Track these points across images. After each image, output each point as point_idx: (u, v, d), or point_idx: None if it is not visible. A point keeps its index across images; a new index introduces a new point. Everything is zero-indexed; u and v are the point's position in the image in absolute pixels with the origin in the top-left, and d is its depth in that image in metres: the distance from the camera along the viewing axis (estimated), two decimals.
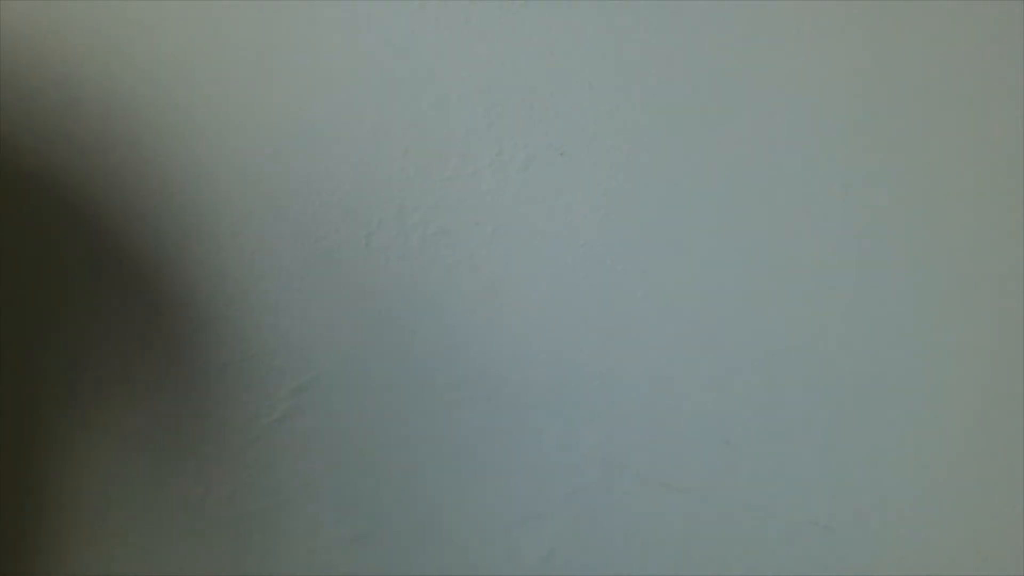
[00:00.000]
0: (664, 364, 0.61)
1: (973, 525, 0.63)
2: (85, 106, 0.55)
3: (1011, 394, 0.61)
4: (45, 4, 0.54)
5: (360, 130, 0.57)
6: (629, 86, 0.57)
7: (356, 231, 0.58)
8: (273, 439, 0.61)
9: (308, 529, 0.62)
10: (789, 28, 0.57)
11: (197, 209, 0.57)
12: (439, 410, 0.61)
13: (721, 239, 0.59)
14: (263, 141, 0.57)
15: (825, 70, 0.57)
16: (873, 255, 0.60)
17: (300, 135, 0.57)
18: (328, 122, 0.57)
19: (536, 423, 0.61)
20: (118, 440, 0.60)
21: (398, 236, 0.58)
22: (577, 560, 0.63)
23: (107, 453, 0.60)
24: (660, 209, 0.59)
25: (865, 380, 0.61)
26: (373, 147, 0.57)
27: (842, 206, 0.59)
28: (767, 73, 0.57)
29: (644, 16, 0.56)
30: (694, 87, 0.57)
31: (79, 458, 0.60)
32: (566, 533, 0.63)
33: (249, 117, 0.56)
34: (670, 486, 0.62)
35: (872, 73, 0.57)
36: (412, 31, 0.56)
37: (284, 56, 0.56)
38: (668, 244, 0.59)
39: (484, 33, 0.56)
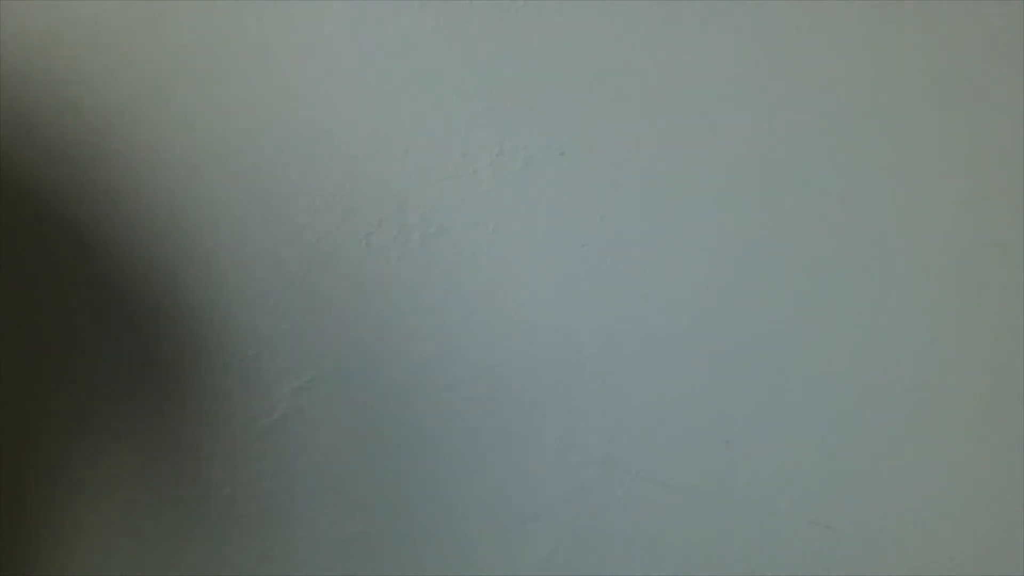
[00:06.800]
0: (664, 364, 0.61)
1: (973, 525, 0.63)
2: (84, 106, 0.55)
3: (1011, 394, 0.61)
4: (45, 4, 0.54)
5: (360, 130, 0.57)
6: (629, 86, 0.57)
7: (356, 231, 0.58)
8: (273, 439, 0.61)
9: (308, 529, 0.62)
10: (789, 28, 0.57)
11: (197, 209, 0.57)
12: (439, 410, 0.61)
13: (721, 239, 0.59)
14: (263, 141, 0.57)
15: (825, 70, 0.57)
16: (873, 255, 0.60)
17: (300, 135, 0.57)
18: (328, 122, 0.57)
19: (536, 423, 0.61)
20: (118, 440, 0.60)
21: (398, 236, 0.58)
22: (577, 560, 0.63)
23: (107, 453, 0.60)
24: (660, 209, 0.59)
25: (865, 380, 0.61)
26: (373, 147, 0.57)
27: (842, 205, 0.59)
28: (767, 73, 0.57)
29: (644, 16, 0.56)
30: (694, 87, 0.57)
31: (78, 458, 0.60)
32: (566, 533, 0.63)
33: (249, 117, 0.56)
34: (670, 486, 0.62)
35: (872, 73, 0.57)
36: (412, 31, 0.56)
37: (284, 56, 0.56)
38: (668, 244, 0.59)
39: (484, 33, 0.56)
